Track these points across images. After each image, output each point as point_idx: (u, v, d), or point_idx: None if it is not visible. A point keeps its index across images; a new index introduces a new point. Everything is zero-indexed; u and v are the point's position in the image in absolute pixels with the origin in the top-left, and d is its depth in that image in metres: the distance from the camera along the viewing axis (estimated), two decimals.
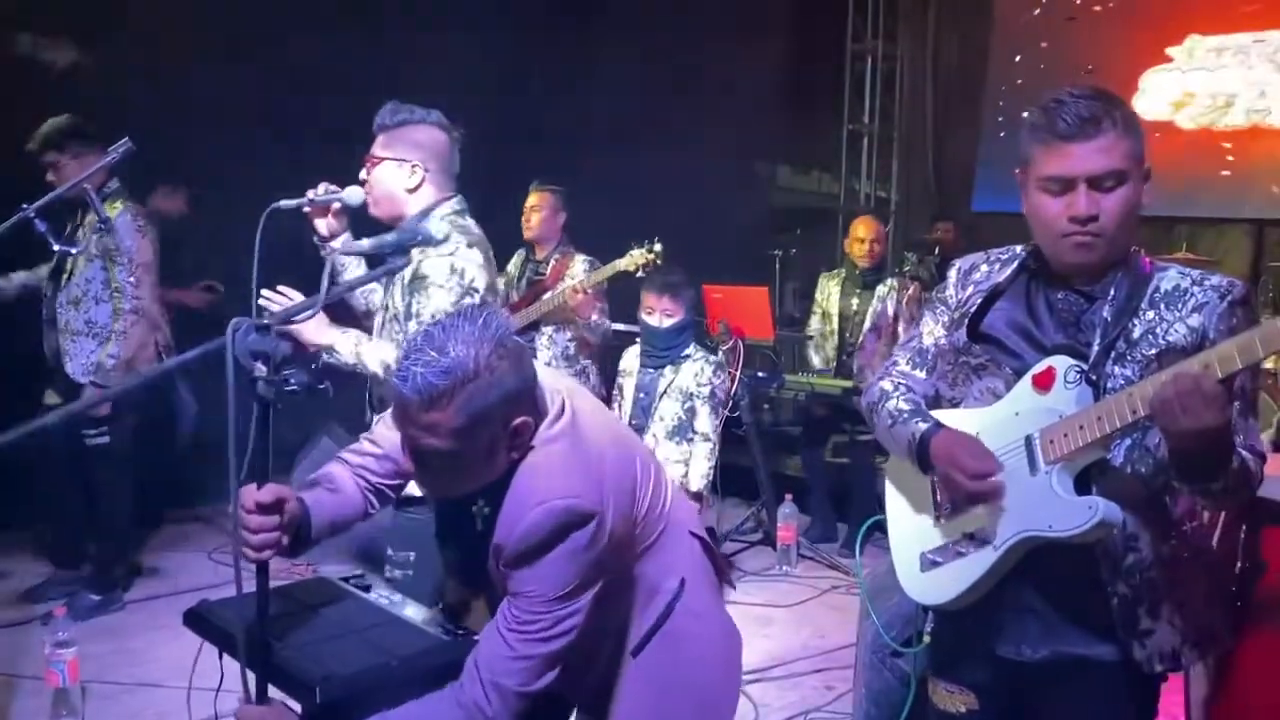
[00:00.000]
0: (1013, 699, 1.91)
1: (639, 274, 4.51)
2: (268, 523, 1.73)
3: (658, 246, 4.50)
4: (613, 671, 1.95)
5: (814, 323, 5.73)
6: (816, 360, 5.66)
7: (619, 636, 1.94)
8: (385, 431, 1.96)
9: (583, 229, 5.03)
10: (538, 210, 4.83)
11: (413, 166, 2.67)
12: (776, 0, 7.70)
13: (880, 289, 5.46)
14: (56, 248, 3.65)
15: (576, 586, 1.74)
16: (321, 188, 2.63)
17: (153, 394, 4.24)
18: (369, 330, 2.77)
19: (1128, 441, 1.77)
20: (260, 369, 1.65)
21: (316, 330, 2.59)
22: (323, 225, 2.70)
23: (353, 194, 2.62)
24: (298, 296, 2.54)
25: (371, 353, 2.58)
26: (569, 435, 1.78)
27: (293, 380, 1.66)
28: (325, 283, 1.91)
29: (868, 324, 5.46)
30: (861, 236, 5.50)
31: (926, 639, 2.09)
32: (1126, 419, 1.65)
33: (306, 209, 2.62)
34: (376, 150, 2.69)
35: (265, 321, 1.65)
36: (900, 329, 5.35)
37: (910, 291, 5.46)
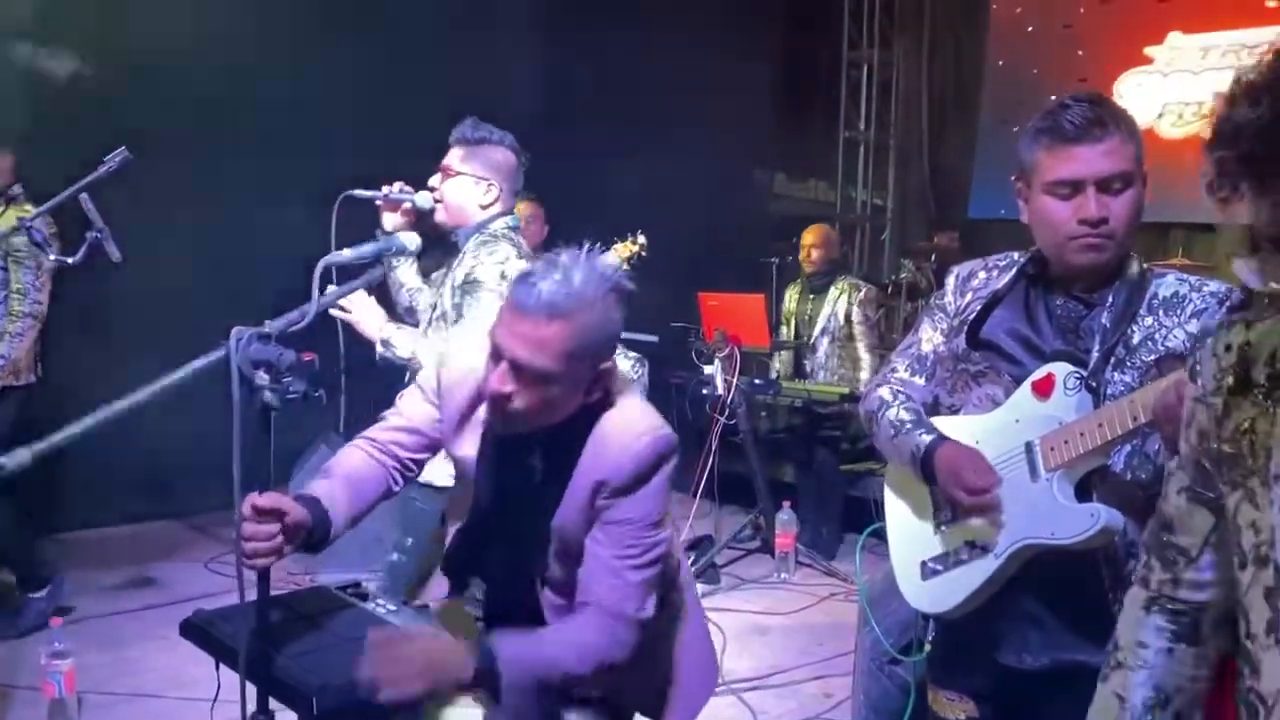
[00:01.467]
0: (1012, 707, 1.91)
1: (623, 267, 4.56)
2: (263, 530, 1.72)
3: (641, 239, 4.55)
4: None
5: (782, 330, 5.88)
6: (775, 368, 5.82)
7: None
8: (414, 404, 1.98)
9: (578, 237, 5.02)
10: (533, 222, 4.83)
11: (489, 184, 2.83)
12: (772, 9, 7.72)
13: (831, 292, 5.62)
14: (52, 258, 3.65)
15: (665, 514, 1.85)
16: (396, 186, 2.82)
17: (24, 404, 3.97)
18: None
19: (1128, 448, 1.77)
20: (263, 377, 1.64)
21: (376, 324, 2.75)
22: (390, 221, 2.85)
23: (424, 198, 2.83)
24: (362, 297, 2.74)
25: (425, 350, 2.65)
26: (631, 386, 1.91)
27: (292, 388, 1.66)
28: (315, 291, 1.93)
29: (818, 328, 5.65)
30: (804, 243, 5.71)
31: (927, 647, 2.08)
32: (1128, 426, 1.65)
33: (379, 202, 2.82)
34: (454, 163, 2.84)
35: (266, 330, 1.65)
36: (855, 331, 5.59)
37: (863, 294, 5.63)
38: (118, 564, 4.84)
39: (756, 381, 5.46)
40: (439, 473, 2.83)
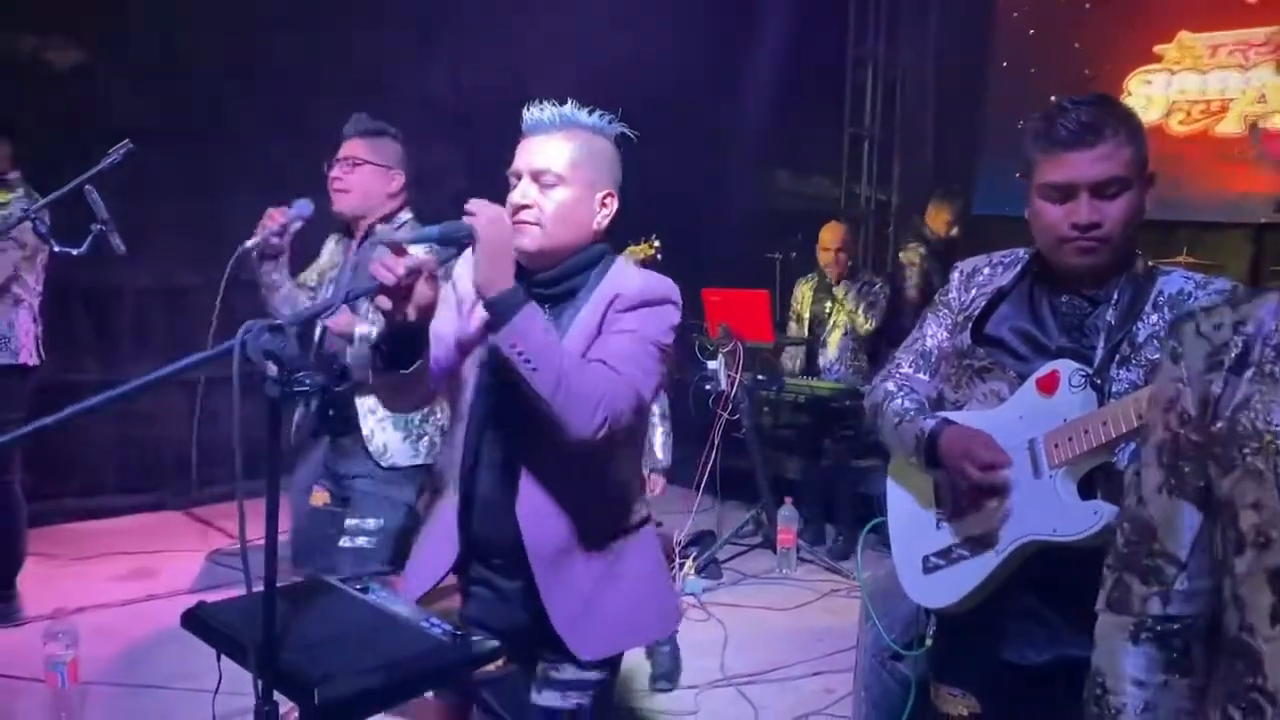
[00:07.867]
0: (1015, 703, 1.90)
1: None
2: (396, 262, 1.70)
3: (657, 242, 4.51)
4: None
5: (791, 327, 5.85)
6: (789, 364, 5.78)
7: (616, 502, 1.98)
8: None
9: None
10: None
11: (395, 174, 2.83)
12: (777, 4, 7.69)
13: (848, 290, 5.58)
14: (56, 249, 3.65)
15: (661, 351, 1.88)
16: (277, 214, 2.71)
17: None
18: None
19: (1133, 446, 1.77)
20: (272, 369, 1.63)
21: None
22: (275, 246, 2.77)
23: (305, 206, 2.74)
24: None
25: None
26: None
27: (306, 381, 1.64)
28: (346, 278, 1.86)
29: (830, 325, 5.64)
30: (825, 245, 5.63)
31: (928, 642, 2.08)
32: (1132, 423, 1.64)
33: (274, 240, 2.73)
34: (360, 153, 2.82)
35: (279, 322, 1.64)
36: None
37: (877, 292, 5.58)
38: (121, 555, 4.85)
39: (760, 377, 5.45)
40: (402, 453, 2.82)
